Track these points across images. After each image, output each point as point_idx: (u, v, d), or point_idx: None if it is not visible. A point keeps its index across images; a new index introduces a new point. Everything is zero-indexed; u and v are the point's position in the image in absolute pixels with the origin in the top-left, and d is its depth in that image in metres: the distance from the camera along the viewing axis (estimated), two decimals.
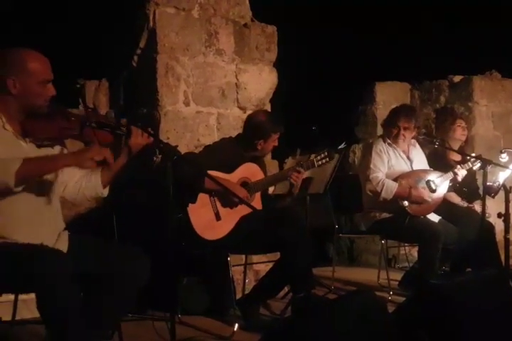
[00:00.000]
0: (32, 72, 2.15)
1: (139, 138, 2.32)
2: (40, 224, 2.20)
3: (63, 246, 2.25)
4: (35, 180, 2.17)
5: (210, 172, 2.78)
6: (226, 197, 3.12)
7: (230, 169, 3.19)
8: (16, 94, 2.14)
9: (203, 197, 3.09)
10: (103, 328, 2.22)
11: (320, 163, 3.29)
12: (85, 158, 2.12)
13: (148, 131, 2.36)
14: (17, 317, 2.71)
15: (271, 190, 3.45)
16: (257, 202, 3.27)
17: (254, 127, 3.28)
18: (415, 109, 4.25)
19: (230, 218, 3.16)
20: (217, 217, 3.13)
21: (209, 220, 3.09)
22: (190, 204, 3.02)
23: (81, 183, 2.38)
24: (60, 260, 2.04)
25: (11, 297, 2.64)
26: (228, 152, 3.22)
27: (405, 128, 3.86)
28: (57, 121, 2.21)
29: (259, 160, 3.39)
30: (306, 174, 3.34)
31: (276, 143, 3.32)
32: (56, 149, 2.30)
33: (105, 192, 2.41)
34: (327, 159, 3.30)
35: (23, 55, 2.17)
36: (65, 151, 2.34)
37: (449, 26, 7.04)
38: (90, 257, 2.23)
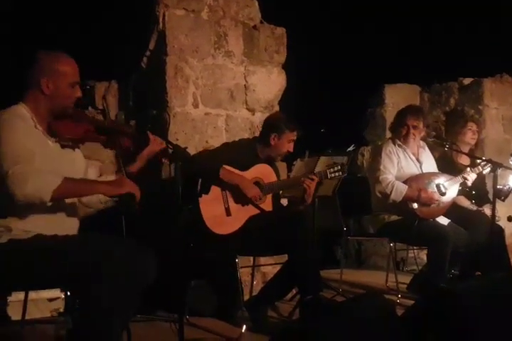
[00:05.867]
0: (64, 73, 2.25)
1: (155, 145, 2.44)
2: (59, 218, 2.24)
3: None
4: None
5: (225, 166, 2.85)
6: (238, 194, 3.14)
7: (244, 168, 3.22)
8: (48, 94, 2.24)
9: (215, 191, 3.11)
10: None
11: (333, 175, 3.35)
12: (120, 192, 2.19)
13: (164, 140, 2.47)
14: (26, 317, 2.72)
15: (284, 202, 3.48)
16: (267, 204, 3.28)
17: (270, 123, 3.39)
18: (422, 109, 4.24)
19: (240, 215, 3.17)
20: (228, 213, 3.14)
21: (219, 214, 3.11)
22: (203, 195, 3.04)
23: None
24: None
25: (21, 296, 2.65)
26: (244, 151, 3.27)
27: (414, 127, 3.85)
28: (82, 123, 2.31)
29: (272, 165, 3.41)
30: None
31: (290, 148, 3.34)
32: (77, 151, 2.38)
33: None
34: (340, 173, 3.35)
35: (54, 57, 2.28)
36: (82, 156, 2.41)
37: (459, 29, 7.01)
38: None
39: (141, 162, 2.45)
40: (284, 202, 3.51)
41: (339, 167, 3.34)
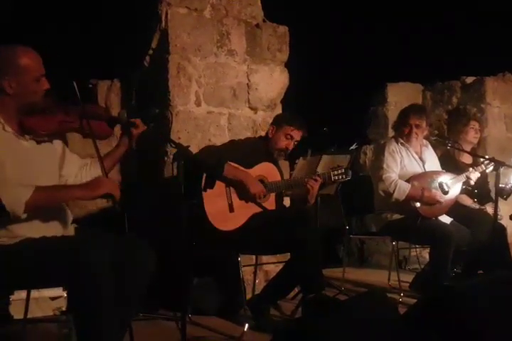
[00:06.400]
0: (25, 69, 2.12)
1: (139, 128, 2.43)
2: (45, 219, 2.19)
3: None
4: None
5: (230, 162, 2.91)
6: (242, 190, 3.14)
7: (248, 166, 3.24)
8: (12, 94, 2.12)
9: (219, 186, 3.12)
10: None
11: (336, 178, 3.36)
12: (97, 195, 2.11)
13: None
14: (29, 316, 2.71)
15: (287, 202, 3.49)
16: (271, 202, 3.29)
17: (273, 118, 3.51)
18: (425, 108, 4.24)
19: (243, 212, 3.17)
20: (231, 209, 3.14)
21: (222, 210, 3.12)
22: (208, 189, 3.05)
23: (81, 176, 2.40)
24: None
25: (23, 295, 2.65)
26: (250, 149, 3.30)
27: (417, 126, 3.85)
28: (55, 114, 2.20)
29: (276, 164, 3.42)
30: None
31: (289, 145, 3.36)
32: (56, 144, 2.31)
33: None
34: (343, 176, 3.37)
35: (12, 52, 2.12)
36: (59, 144, 2.34)
37: (461, 27, 7.00)
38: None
39: (123, 146, 2.45)
40: (287, 200, 3.51)
41: (343, 170, 3.37)
